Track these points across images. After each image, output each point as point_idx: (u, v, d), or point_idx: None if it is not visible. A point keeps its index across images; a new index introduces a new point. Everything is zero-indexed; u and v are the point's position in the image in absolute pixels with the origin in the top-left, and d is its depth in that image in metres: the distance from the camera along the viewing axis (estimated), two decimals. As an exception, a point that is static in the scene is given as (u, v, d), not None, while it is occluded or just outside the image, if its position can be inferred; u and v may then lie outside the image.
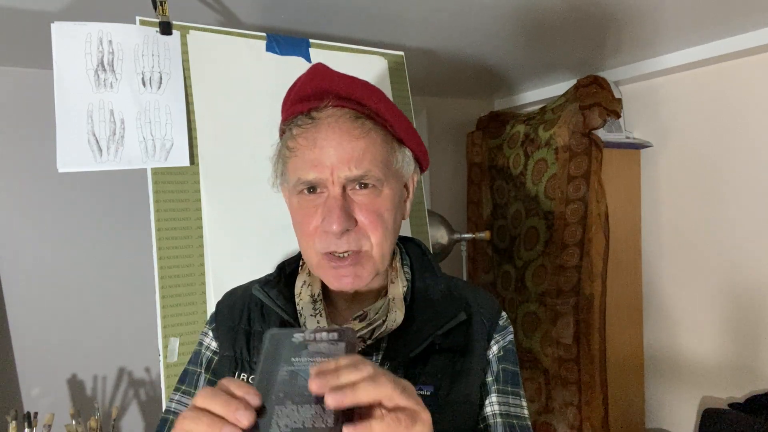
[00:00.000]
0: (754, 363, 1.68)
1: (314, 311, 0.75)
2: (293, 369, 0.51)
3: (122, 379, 1.80)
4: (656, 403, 1.99)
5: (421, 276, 0.81)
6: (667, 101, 1.90)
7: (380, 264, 0.73)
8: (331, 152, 0.68)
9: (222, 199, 1.19)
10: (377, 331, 0.73)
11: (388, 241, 0.73)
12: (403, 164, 0.76)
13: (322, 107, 0.70)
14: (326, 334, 0.55)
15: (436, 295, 0.77)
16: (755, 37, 1.56)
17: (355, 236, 0.70)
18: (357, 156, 0.68)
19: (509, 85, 2.29)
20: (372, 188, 0.70)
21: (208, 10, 1.30)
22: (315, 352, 0.53)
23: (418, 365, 0.72)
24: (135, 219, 1.77)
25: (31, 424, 1.40)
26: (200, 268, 1.16)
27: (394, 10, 1.36)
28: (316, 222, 0.70)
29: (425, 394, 0.70)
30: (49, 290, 1.71)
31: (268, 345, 0.54)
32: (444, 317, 0.74)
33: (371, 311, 0.75)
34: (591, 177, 1.83)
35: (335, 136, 0.69)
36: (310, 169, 0.69)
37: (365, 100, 0.70)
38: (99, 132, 1.09)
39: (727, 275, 1.75)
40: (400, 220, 0.77)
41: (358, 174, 0.69)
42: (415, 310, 0.76)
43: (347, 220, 0.68)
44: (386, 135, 0.73)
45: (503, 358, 0.78)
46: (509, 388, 0.78)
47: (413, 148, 0.77)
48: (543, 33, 1.58)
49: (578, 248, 1.86)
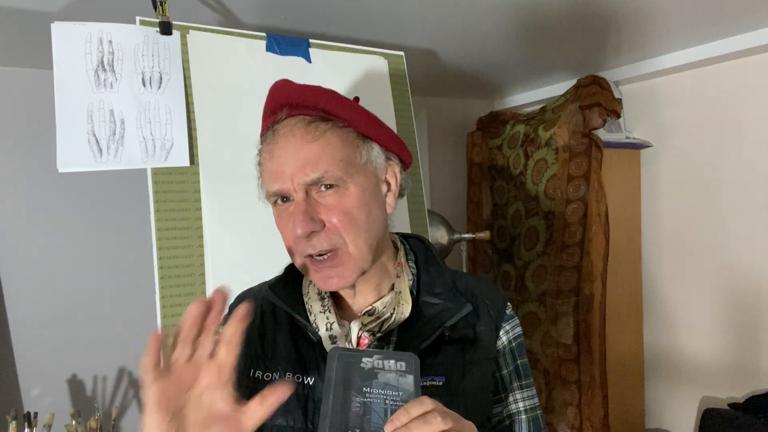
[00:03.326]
0: (754, 363, 1.68)
1: (323, 308, 0.77)
2: (365, 401, 0.55)
3: (122, 379, 1.80)
4: (656, 403, 1.99)
5: (426, 270, 0.82)
6: (667, 101, 1.90)
7: (361, 261, 0.74)
8: (288, 160, 0.71)
9: (222, 199, 1.19)
10: (386, 324, 0.75)
11: (363, 237, 0.73)
12: (370, 159, 0.76)
13: (280, 119, 0.74)
14: (394, 362, 0.58)
15: (443, 288, 0.79)
16: (755, 37, 1.56)
17: (326, 236, 0.72)
18: (312, 159, 0.70)
19: (509, 85, 2.29)
20: (336, 188, 0.72)
21: (208, 10, 1.30)
22: (385, 383, 0.57)
23: (430, 356, 0.74)
24: (135, 219, 1.77)
25: (31, 424, 1.40)
26: (200, 268, 1.16)
27: (394, 10, 1.36)
28: (290, 229, 0.73)
29: (437, 384, 0.72)
30: (49, 290, 1.71)
31: (338, 367, 0.58)
32: (451, 309, 0.77)
33: (379, 305, 0.77)
34: (591, 177, 1.83)
35: (289, 145, 0.72)
36: (274, 181, 0.73)
37: (317, 104, 0.73)
38: (99, 132, 1.09)
39: (727, 275, 1.75)
40: (379, 215, 0.77)
41: (315, 177, 0.70)
42: (423, 303, 0.78)
43: (310, 222, 0.70)
44: (345, 133, 0.74)
45: (519, 352, 0.82)
46: (530, 380, 0.82)
47: (381, 141, 0.78)
48: (543, 33, 1.58)
49: (578, 248, 1.86)
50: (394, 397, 0.55)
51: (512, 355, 0.81)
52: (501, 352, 0.80)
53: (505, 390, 0.81)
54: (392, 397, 0.55)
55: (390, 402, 0.56)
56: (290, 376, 0.74)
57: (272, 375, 0.75)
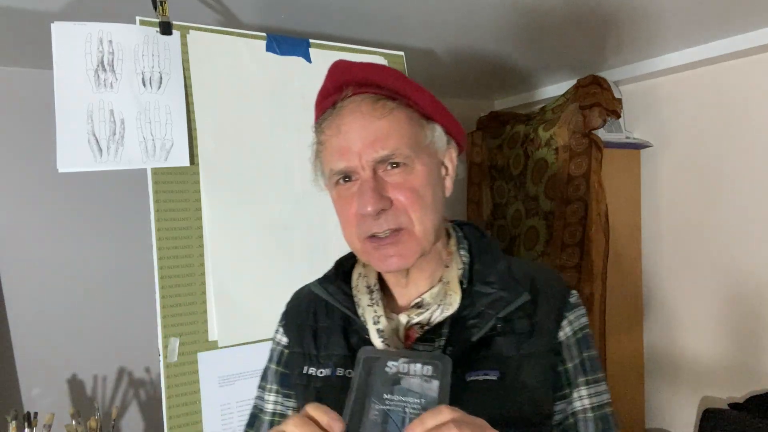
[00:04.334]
0: (754, 363, 1.68)
1: (371, 301, 0.76)
2: (384, 408, 0.53)
3: (122, 379, 1.80)
4: (656, 403, 1.99)
5: (480, 258, 0.79)
6: (667, 101, 1.90)
7: (424, 241, 0.72)
8: (355, 137, 0.69)
9: (222, 199, 1.19)
10: (434, 316, 0.73)
11: (429, 217, 0.71)
12: (433, 140, 0.75)
13: (344, 97, 0.72)
14: (420, 366, 0.56)
15: (497, 277, 0.75)
16: (755, 37, 1.56)
17: (393, 214, 0.70)
18: (382, 136, 0.69)
19: (509, 85, 2.29)
20: (403, 166, 0.70)
21: (208, 10, 1.30)
22: (407, 389, 0.54)
23: (482, 349, 0.71)
24: (135, 219, 1.77)
25: (31, 424, 1.40)
26: (200, 268, 1.16)
27: (394, 10, 1.36)
28: (354, 208, 0.71)
29: (491, 378, 0.69)
30: (50, 290, 1.71)
31: (362, 370, 0.56)
32: (506, 298, 0.72)
33: (427, 297, 0.75)
34: (591, 177, 1.83)
35: (358, 120, 0.69)
36: (339, 158, 0.70)
37: (383, 82, 0.71)
38: (99, 132, 1.09)
39: (727, 275, 1.75)
40: (441, 197, 0.76)
41: (385, 154, 0.69)
42: (475, 293, 0.75)
43: (380, 199, 0.68)
44: (411, 113, 0.72)
45: (585, 344, 0.76)
46: (598, 374, 0.75)
47: (443, 123, 0.77)
48: (543, 33, 1.58)
49: (578, 248, 1.86)
50: (415, 404, 0.53)
51: (578, 347, 0.75)
52: (564, 344, 0.74)
53: (570, 386, 0.74)
54: (413, 404, 0.53)
55: (410, 410, 0.53)
56: (342, 371, 0.74)
57: (324, 371, 0.75)
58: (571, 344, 0.75)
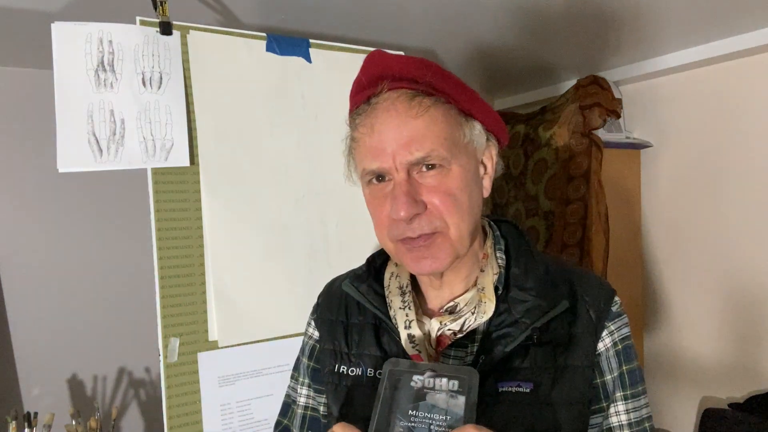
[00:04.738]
0: (754, 363, 1.68)
1: (403, 304, 0.73)
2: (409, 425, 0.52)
3: (122, 379, 1.80)
4: (656, 403, 1.99)
5: (517, 260, 0.75)
6: (667, 101, 1.90)
7: (459, 245, 0.69)
8: (390, 137, 0.66)
9: (222, 199, 1.19)
10: (467, 323, 0.71)
11: (465, 221, 0.69)
12: (472, 138, 0.71)
13: (378, 92, 0.69)
14: (446, 381, 0.54)
15: (535, 282, 0.71)
16: (755, 37, 1.56)
17: (427, 219, 0.67)
18: (418, 137, 0.66)
19: (509, 85, 2.28)
20: (439, 168, 0.67)
21: (208, 10, 1.30)
22: (432, 405, 0.53)
23: (516, 359, 0.68)
24: (135, 219, 1.77)
25: (31, 424, 1.40)
26: (200, 268, 1.16)
27: (394, 10, 1.36)
28: (387, 210, 0.68)
29: (524, 391, 0.66)
30: (49, 290, 1.71)
31: (387, 383, 0.55)
32: (543, 307, 0.69)
33: (460, 302, 0.73)
34: (591, 177, 1.83)
35: (392, 119, 0.67)
36: (373, 159, 0.68)
37: (420, 77, 0.67)
38: (99, 132, 1.09)
39: (727, 275, 1.75)
40: (479, 198, 0.73)
41: (420, 156, 0.66)
42: (511, 299, 0.71)
43: (413, 205, 0.65)
44: (448, 109, 0.69)
45: (626, 356, 0.71)
46: (638, 388, 0.72)
47: (483, 120, 0.73)
48: (543, 33, 1.58)
49: (578, 248, 1.86)
50: (440, 422, 0.51)
51: (617, 360, 0.71)
52: (603, 355, 0.70)
53: (607, 399, 0.70)
54: (438, 421, 0.51)
55: (435, 428, 0.52)
56: (372, 372, 0.72)
57: (356, 370, 0.74)
58: (611, 356, 0.71)
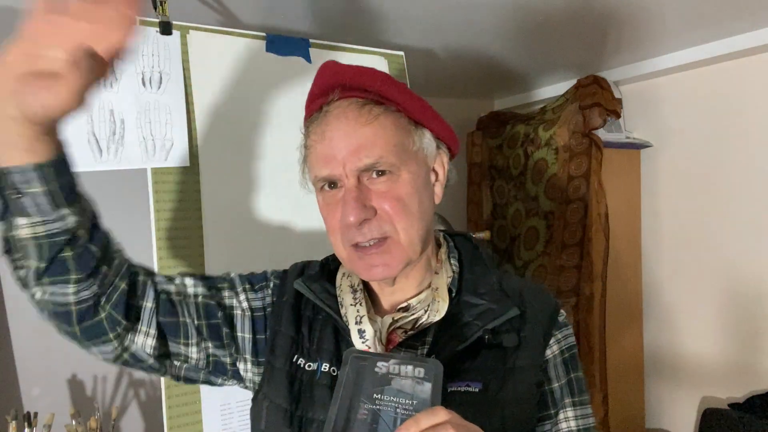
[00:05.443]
0: (754, 363, 1.68)
1: (354, 300, 0.74)
2: (374, 408, 0.52)
3: (122, 379, 1.80)
4: (656, 403, 1.99)
5: (471, 269, 0.77)
6: (667, 101, 1.90)
7: (410, 251, 0.70)
8: (340, 144, 0.68)
9: (222, 199, 1.19)
10: (419, 321, 0.71)
11: (415, 227, 0.70)
12: (422, 146, 0.73)
13: (330, 101, 0.70)
14: (412, 368, 0.55)
15: (487, 289, 0.74)
16: (755, 37, 1.56)
17: (377, 224, 0.68)
18: (367, 144, 0.67)
19: (509, 85, 2.28)
20: (389, 174, 0.69)
21: (208, 10, 1.30)
22: (398, 390, 0.53)
23: (467, 360, 0.70)
24: (135, 219, 1.77)
25: (31, 424, 1.40)
26: (200, 268, 1.16)
27: (394, 10, 1.36)
28: (338, 216, 0.69)
29: (473, 390, 0.68)
30: (49, 290, 1.71)
31: (350, 370, 0.54)
32: (495, 311, 0.71)
33: (414, 301, 0.74)
34: (591, 177, 1.83)
35: (342, 126, 0.68)
36: (324, 165, 0.69)
37: (370, 86, 0.69)
38: (99, 132, 1.09)
39: (727, 275, 1.75)
40: (429, 205, 0.74)
41: (369, 162, 0.68)
42: (464, 303, 0.73)
43: (363, 210, 0.67)
44: (398, 117, 0.71)
45: (573, 365, 0.75)
46: (584, 396, 0.75)
47: (433, 128, 0.75)
48: (543, 33, 1.58)
49: (578, 248, 1.86)
50: (407, 405, 0.52)
51: (564, 368, 0.74)
52: (551, 363, 0.73)
53: (555, 406, 0.73)
54: (404, 405, 0.52)
55: (401, 410, 0.52)
56: (327, 367, 0.72)
57: (312, 365, 0.73)
58: (558, 363, 0.74)
